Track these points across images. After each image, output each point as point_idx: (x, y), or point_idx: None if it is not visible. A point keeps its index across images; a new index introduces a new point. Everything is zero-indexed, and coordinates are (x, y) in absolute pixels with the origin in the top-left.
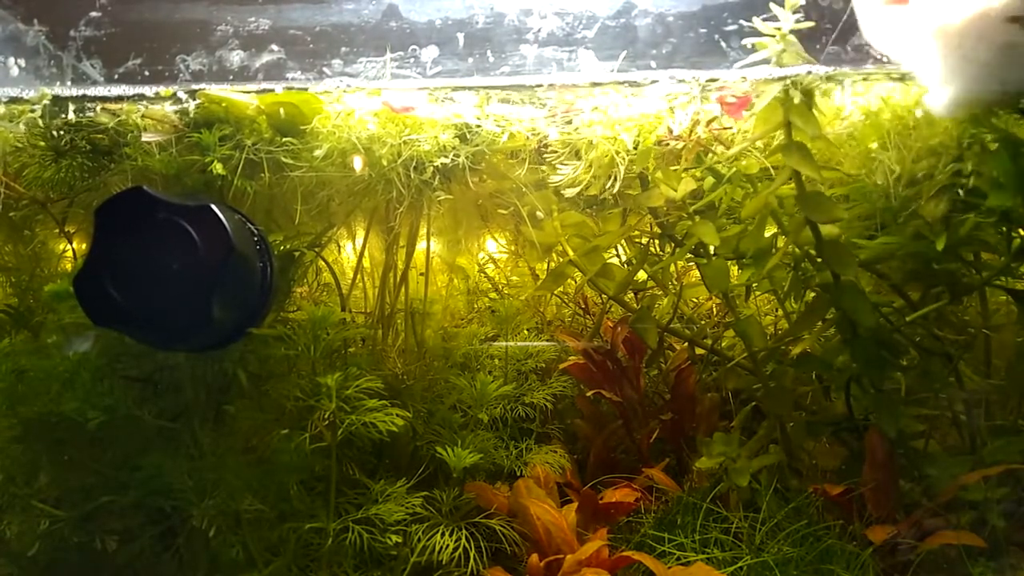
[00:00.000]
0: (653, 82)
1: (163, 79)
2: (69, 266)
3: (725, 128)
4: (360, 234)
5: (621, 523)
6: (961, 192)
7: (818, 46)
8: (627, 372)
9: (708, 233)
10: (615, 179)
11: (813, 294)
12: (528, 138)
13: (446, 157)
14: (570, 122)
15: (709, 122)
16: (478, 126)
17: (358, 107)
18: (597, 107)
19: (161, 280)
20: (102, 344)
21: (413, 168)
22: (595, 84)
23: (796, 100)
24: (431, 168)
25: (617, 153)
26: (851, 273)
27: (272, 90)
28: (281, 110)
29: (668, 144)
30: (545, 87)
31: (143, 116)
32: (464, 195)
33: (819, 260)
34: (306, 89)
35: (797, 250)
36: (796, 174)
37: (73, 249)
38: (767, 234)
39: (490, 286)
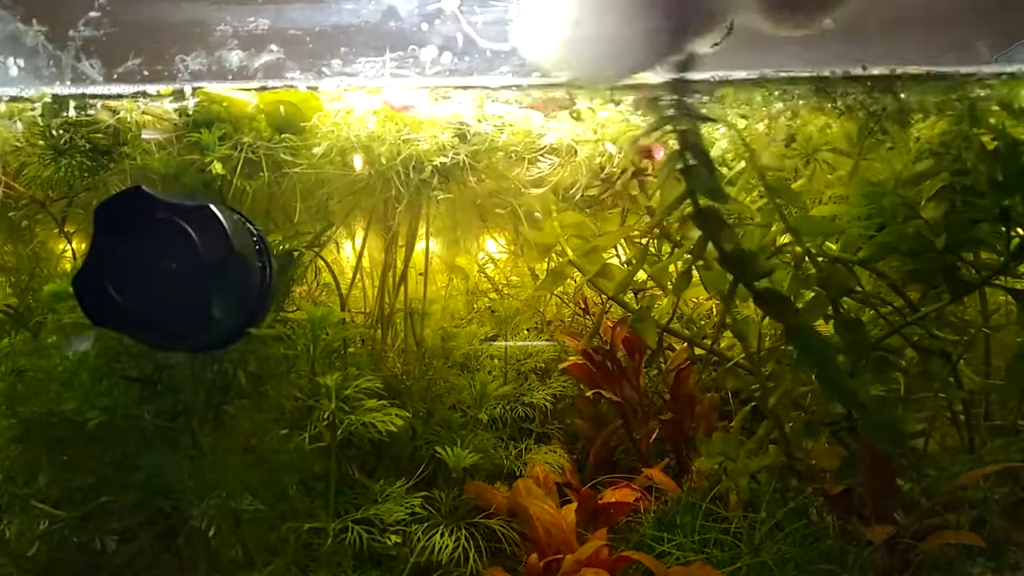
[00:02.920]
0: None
1: (162, 79)
2: (69, 266)
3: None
4: (359, 234)
5: (621, 523)
6: None
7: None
8: (627, 372)
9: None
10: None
11: (812, 294)
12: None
13: (445, 156)
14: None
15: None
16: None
17: (357, 105)
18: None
19: (160, 280)
20: (102, 344)
21: (412, 167)
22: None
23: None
24: (430, 167)
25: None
26: (759, 282)
27: (272, 89)
28: (281, 108)
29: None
30: (541, 87)
31: (143, 113)
32: (463, 194)
33: (820, 260)
34: (312, 88)
35: (798, 248)
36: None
37: (73, 249)
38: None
39: (489, 286)
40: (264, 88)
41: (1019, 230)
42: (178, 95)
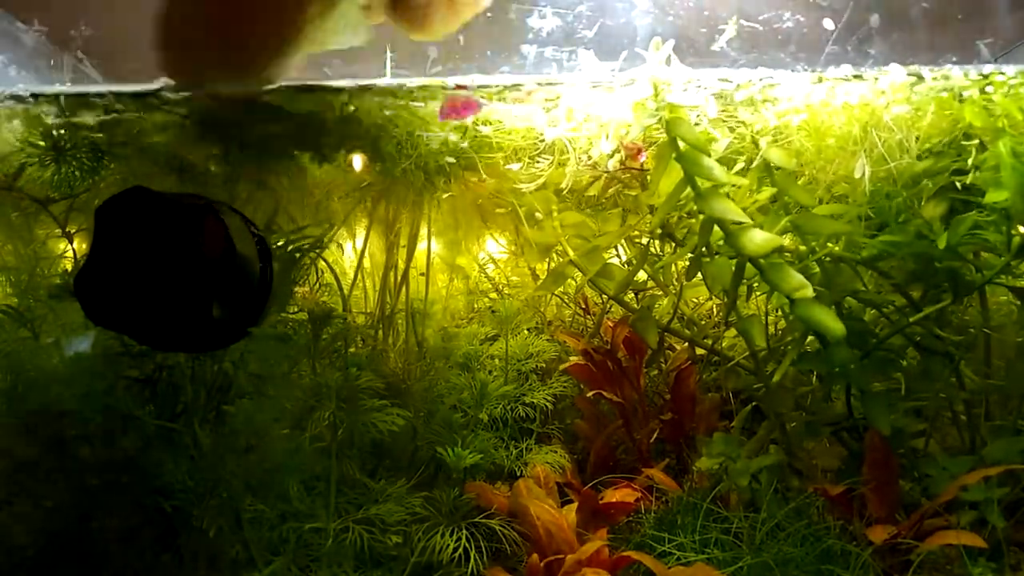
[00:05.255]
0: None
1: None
2: (69, 266)
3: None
4: (360, 234)
5: (621, 523)
6: None
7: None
8: (627, 372)
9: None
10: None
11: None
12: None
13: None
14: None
15: (622, 161)
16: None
17: None
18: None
19: (161, 280)
20: (102, 344)
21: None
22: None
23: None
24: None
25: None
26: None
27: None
28: None
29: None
30: (539, 86)
31: None
32: (464, 194)
33: (827, 260)
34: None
35: (802, 247)
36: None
37: (73, 249)
38: (774, 231)
39: (490, 286)
40: None
41: (1020, 228)
42: None
